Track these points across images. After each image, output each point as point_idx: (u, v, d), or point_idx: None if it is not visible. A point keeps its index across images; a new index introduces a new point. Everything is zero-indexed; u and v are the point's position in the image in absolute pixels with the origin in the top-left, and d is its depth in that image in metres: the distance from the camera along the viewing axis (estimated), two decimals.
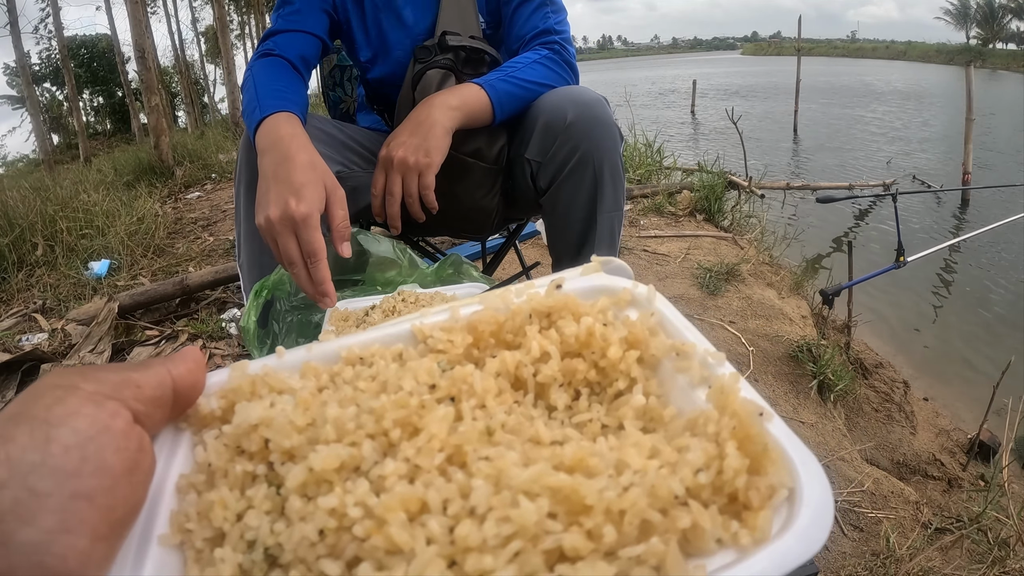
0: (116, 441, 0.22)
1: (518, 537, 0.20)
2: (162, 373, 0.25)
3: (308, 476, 0.23)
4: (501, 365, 0.29)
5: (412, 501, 0.22)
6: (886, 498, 1.39)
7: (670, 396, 0.28)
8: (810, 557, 0.20)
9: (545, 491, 0.21)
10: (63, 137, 21.81)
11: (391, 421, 0.25)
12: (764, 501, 0.22)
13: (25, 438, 0.20)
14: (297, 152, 0.77)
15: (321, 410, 0.26)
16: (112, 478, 0.21)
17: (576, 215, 0.99)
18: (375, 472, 0.23)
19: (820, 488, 0.22)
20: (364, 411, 0.26)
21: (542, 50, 1.04)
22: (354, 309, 0.82)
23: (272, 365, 0.30)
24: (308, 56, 1.05)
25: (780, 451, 0.24)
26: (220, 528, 0.23)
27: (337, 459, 0.23)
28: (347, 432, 0.25)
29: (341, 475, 0.24)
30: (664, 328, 0.31)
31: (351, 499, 0.22)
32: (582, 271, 0.35)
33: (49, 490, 0.19)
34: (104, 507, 0.20)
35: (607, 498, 0.21)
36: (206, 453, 0.26)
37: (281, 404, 0.26)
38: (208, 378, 0.29)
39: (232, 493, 0.24)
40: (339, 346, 0.32)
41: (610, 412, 0.28)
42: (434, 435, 0.24)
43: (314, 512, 0.22)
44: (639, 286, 0.33)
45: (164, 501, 0.25)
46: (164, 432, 0.27)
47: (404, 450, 0.24)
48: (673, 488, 0.22)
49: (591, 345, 0.29)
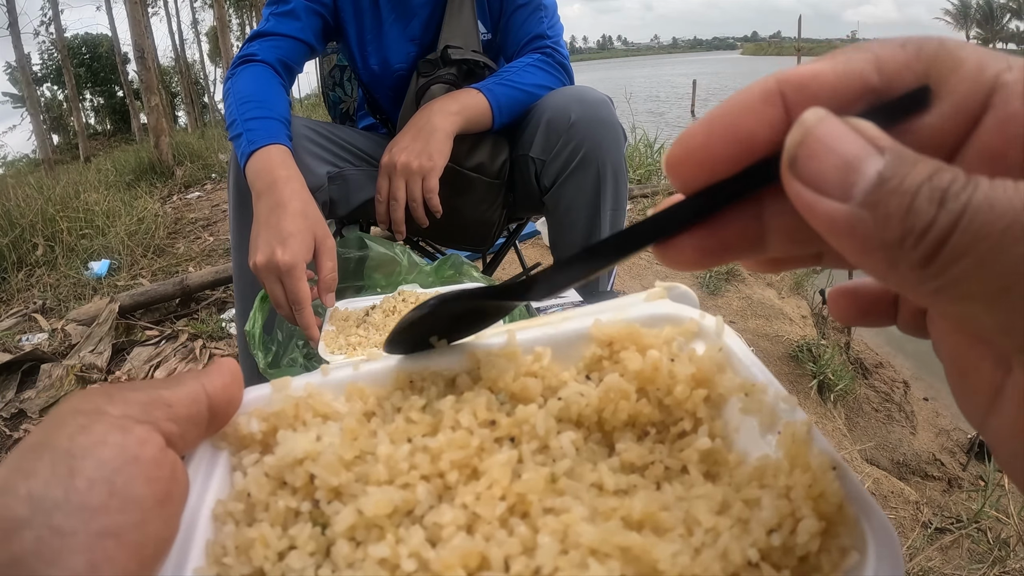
0: (146, 471, 0.20)
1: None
2: (196, 389, 0.24)
3: (357, 520, 0.22)
4: (565, 406, 0.27)
5: (472, 556, 0.20)
6: (886, 498, 1.39)
7: (735, 440, 0.26)
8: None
9: (615, 551, 0.20)
10: (63, 137, 21.83)
11: (448, 462, 0.23)
12: (835, 566, 0.21)
13: (47, 472, 0.19)
14: (290, 199, 0.78)
15: (370, 443, 0.24)
16: (142, 512, 0.20)
17: (579, 214, 0.99)
18: (430, 519, 0.22)
19: (891, 552, 0.21)
20: (418, 449, 0.24)
21: (535, 54, 1.06)
22: (354, 309, 0.82)
23: (316, 384, 0.29)
24: (292, 62, 1.04)
25: (854, 513, 0.22)
26: (260, 567, 0.22)
27: (390, 504, 0.22)
28: (399, 472, 0.23)
29: (393, 520, 0.22)
30: (732, 365, 0.28)
31: (404, 550, 0.20)
32: (646, 296, 0.33)
33: (74, 529, 0.18)
34: (134, 544, 0.19)
35: (680, 563, 0.20)
36: (245, 481, 0.24)
37: (328, 437, 0.25)
38: (246, 394, 0.27)
39: (274, 530, 0.23)
40: (387, 367, 0.30)
41: (672, 454, 0.26)
42: (495, 481, 0.22)
43: (363, 560, 0.21)
44: (707, 316, 0.31)
45: (199, 528, 0.23)
46: (199, 450, 0.25)
47: (462, 495, 0.22)
48: (747, 553, 0.20)
49: (656, 381, 0.27)
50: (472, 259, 1.56)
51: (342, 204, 1.05)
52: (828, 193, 0.14)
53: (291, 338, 0.89)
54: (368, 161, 1.08)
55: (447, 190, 0.93)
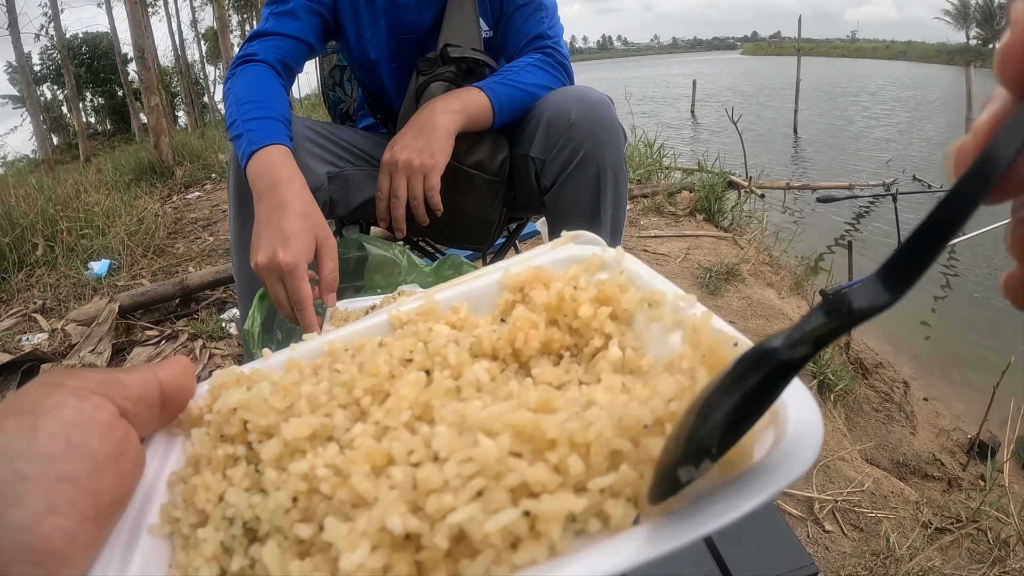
0: (100, 430, 0.23)
1: (480, 475, 0.20)
2: (148, 375, 0.26)
3: (282, 448, 0.24)
4: (477, 341, 0.29)
5: (377, 455, 0.22)
6: (886, 498, 1.39)
7: (647, 347, 0.28)
8: (800, 474, 0.19)
9: (506, 429, 0.21)
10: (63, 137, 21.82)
11: (362, 390, 0.25)
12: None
13: (12, 427, 0.21)
14: (292, 200, 0.79)
15: (296, 391, 0.26)
16: (96, 463, 0.22)
17: (579, 213, 0.99)
18: (346, 438, 0.23)
19: (804, 405, 0.21)
20: (336, 384, 0.26)
21: (536, 54, 1.06)
22: (354, 309, 0.82)
23: (259, 365, 0.31)
24: (292, 62, 1.04)
25: None
26: (204, 511, 0.24)
27: (309, 428, 0.24)
28: (320, 405, 0.25)
29: (314, 444, 0.24)
30: (634, 283, 0.31)
31: (320, 462, 0.22)
32: (551, 245, 0.36)
33: (35, 473, 0.20)
34: (89, 490, 0.21)
35: (570, 429, 0.21)
36: (193, 447, 0.26)
37: (258, 388, 0.27)
38: (201, 387, 0.30)
39: (215, 476, 0.25)
40: (322, 342, 0.32)
41: (589, 370, 0.28)
42: (403, 396, 0.24)
43: (287, 480, 0.22)
44: (608, 250, 0.34)
45: (157, 499, 0.25)
46: (158, 437, 0.28)
47: (374, 414, 0.24)
48: (641, 417, 0.21)
49: (563, 308, 0.29)
50: (472, 259, 1.56)
51: (342, 204, 1.05)
52: None
53: (291, 337, 0.90)
54: (368, 161, 1.08)
55: (447, 188, 0.93)
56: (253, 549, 0.22)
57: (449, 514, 0.19)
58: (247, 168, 0.85)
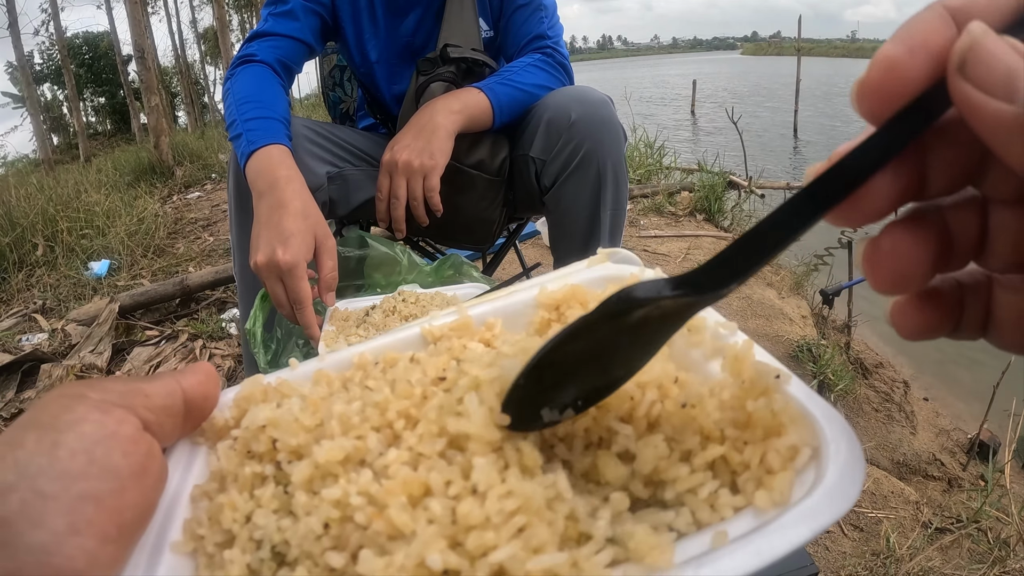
0: (123, 446, 0.22)
1: (522, 512, 0.20)
2: (171, 384, 0.25)
3: (313, 471, 0.23)
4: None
5: (414, 485, 0.21)
6: (886, 498, 1.39)
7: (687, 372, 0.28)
8: (843, 514, 0.19)
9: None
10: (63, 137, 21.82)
11: (395, 412, 0.25)
12: (785, 463, 0.22)
13: (32, 444, 0.20)
14: (291, 199, 0.79)
15: (328, 409, 0.26)
16: (119, 480, 0.21)
17: (579, 213, 1.00)
18: (379, 463, 0.23)
19: (847, 443, 0.21)
20: (369, 405, 0.25)
21: (536, 54, 1.06)
22: (354, 309, 0.82)
23: (286, 376, 0.30)
24: (291, 62, 1.04)
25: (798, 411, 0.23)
26: (230, 531, 0.23)
27: (341, 451, 0.23)
28: (352, 426, 0.25)
29: (346, 468, 0.23)
30: None
31: (354, 488, 0.22)
32: (588, 263, 0.35)
33: (56, 492, 0.19)
34: (112, 509, 0.20)
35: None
36: (218, 461, 0.26)
37: (288, 404, 0.26)
38: (225, 393, 0.29)
39: (242, 495, 0.24)
40: (351, 353, 0.31)
41: None
42: (432, 421, 0.24)
43: (319, 505, 0.22)
44: (646, 271, 0.33)
45: (179, 513, 0.24)
46: (180, 447, 0.27)
47: (407, 439, 0.24)
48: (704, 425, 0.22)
49: None
50: (472, 259, 1.56)
51: (342, 204, 1.06)
52: (994, 95, 0.16)
53: (290, 336, 0.90)
54: (368, 161, 1.08)
55: (447, 188, 0.93)
56: (281, 574, 0.22)
57: (490, 551, 0.19)
58: (246, 168, 0.85)
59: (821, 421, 0.22)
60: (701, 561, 0.19)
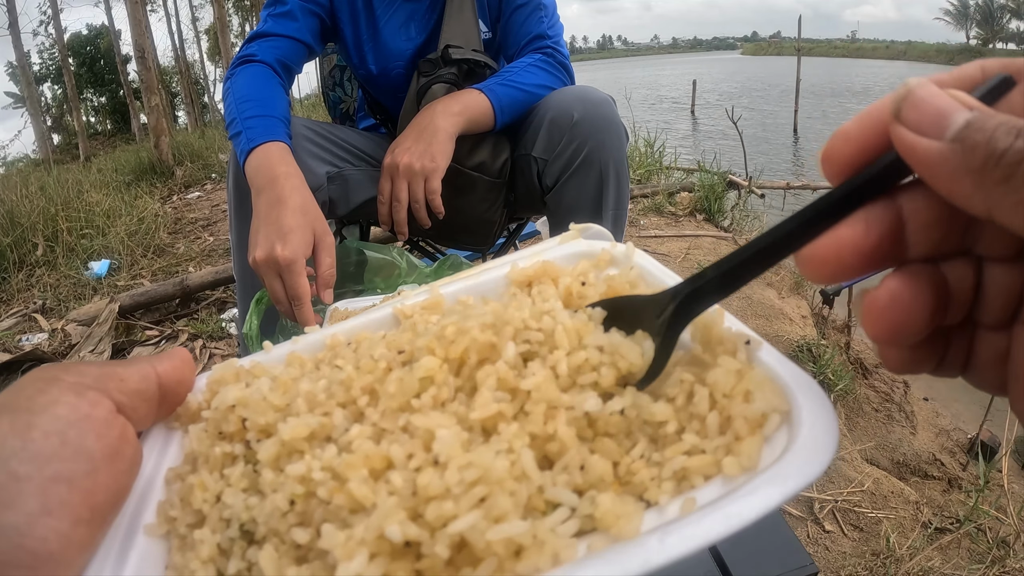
0: (97, 428, 0.22)
1: (483, 482, 0.19)
2: (146, 368, 0.26)
3: (280, 448, 0.23)
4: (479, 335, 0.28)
5: (375, 458, 0.21)
6: (886, 498, 1.39)
7: None
8: (814, 477, 0.19)
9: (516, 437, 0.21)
10: (63, 137, 21.81)
11: (359, 389, 0.25)
12: (754, 429, 0.21)
13: (6, 426, 0.20)
14: (290, 195, 0.79)
15: (296, 388, 0.26)
16: (92, 462, 0.21)
17: (580, 213, 1.00)
18: (344, 439, 0.23)
19: (820, 408, 0.21)
20: (335, 382, 0.25)
21: (536, 54, 1.06)
22: (354, 308, 0.82)
23: (260, 359, 0.30)
24: (291, 62, 1.04)
25: (766, 377, 0.23)
26: (200, 511, 0.23)
27: (307, 428, 0.23)
28: (318, 403, 0.25)
29: (312, 445, 0.23)
30: (644, 279, 0.30)
31: (317, 464, 0.22)
32: (560, 240, 0.35)
33: (29, 474, 0.20)
34: (84, 490, 0.21)
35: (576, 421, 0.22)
36: (190, 443, 0.26)
37: (257, 384, 0.26)
38: (200, 379, 0.29)
39: (212, 476, 0.24)
40: (324, 335, 0.31)
41: None
42: (393, 395, 0.24)
43: (284, 482, 0.22)
44: (618, 246, 0.33)
45: (154, 496, 0.25)
46: (156, 431, 0.27)
47: (370, 415, 0.24)
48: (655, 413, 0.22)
49: (571, 304, 0.29)
50: (472, 259, 1.56)
51: (342, 204, 1.06)
52: (925, 133, 0.17)
53: (289, 336, 0.90)
54: (368, 161, 1.08)
55: (448, 190, 0.93)
56: (250, 552, 0.22)
57: (450, 522, 0.19)
58: (245, 165, 0.85)
59: (792, 387, 0.22)
60: (667, 529, 0.19)
